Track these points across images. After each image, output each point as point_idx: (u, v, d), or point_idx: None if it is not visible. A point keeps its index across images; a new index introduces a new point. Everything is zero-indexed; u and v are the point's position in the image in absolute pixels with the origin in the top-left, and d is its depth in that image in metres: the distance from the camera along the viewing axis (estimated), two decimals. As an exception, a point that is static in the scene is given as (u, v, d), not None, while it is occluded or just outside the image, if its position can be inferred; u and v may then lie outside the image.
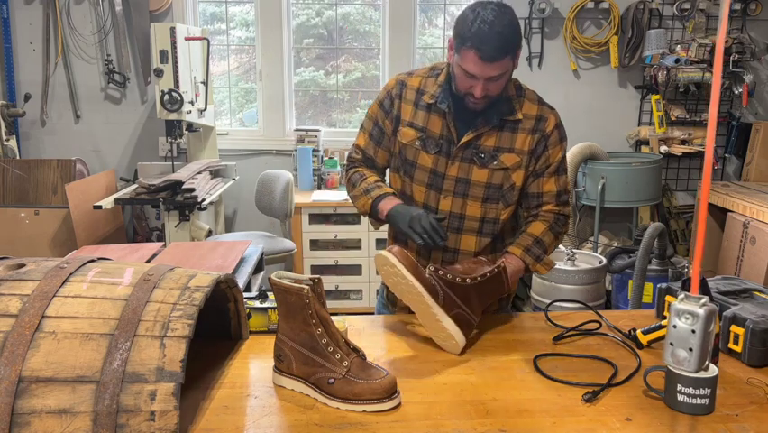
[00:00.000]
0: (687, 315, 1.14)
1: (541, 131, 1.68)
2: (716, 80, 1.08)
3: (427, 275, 1.49)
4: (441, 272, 1.50)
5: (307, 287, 1.27)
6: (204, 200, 3.51)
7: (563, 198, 1.74)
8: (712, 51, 4.05)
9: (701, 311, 1.13)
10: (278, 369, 1.33)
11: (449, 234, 1.71)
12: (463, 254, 1.73)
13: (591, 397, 1.26)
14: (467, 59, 1.54)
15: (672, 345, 1.16)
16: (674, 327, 1.15)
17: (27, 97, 4.26)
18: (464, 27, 1.54)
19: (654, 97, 4.28)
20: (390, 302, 1.88)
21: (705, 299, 1.14)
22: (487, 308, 1.61)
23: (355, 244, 4.03)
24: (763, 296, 1.60)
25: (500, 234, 1.77)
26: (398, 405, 1.24)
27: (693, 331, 1.13)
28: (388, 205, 1.70)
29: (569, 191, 1.77)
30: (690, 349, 1.14)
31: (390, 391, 1.24)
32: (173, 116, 3.61)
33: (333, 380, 1.25)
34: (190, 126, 3.94)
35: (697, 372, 1.16)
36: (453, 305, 1.49)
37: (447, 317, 1.47)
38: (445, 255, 1.74)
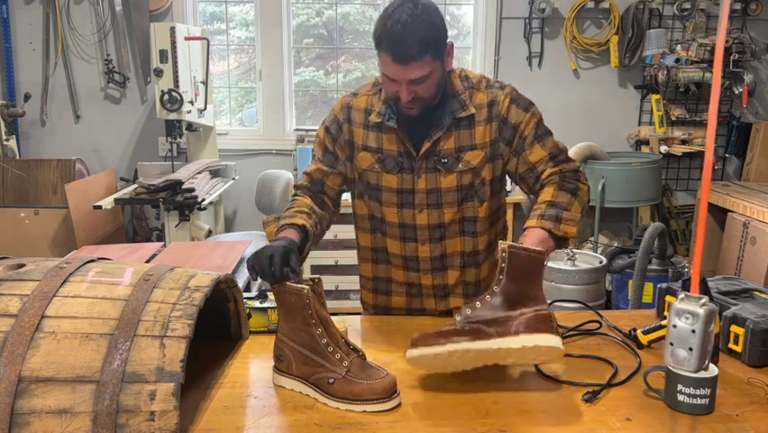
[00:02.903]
0: (687, 315, 1.14)
1: (497, 116, 1.58)
2: (716, 80, 1.08)
3: (459, 327, 1.28)
4: (468, 312, 1.29)
5: (307, 287, 1.27)
6: (204, 200, 3.51)
7: (560, 157, 1.60)
8: (712, 51, 4.05)
9: (701, 311, 1.13)
10: (278, 369, 1.33)
11: (433, 245, 1.67)
12: (451, 256, 1.69)
13: (591, 397, 1.26)
14: (384, 62, 1.47)
15: (671, 344, 1.16)
16: (674, 326, 1.15)
17: (27, 97, 4.25)
18: (378, 29, 1.47)
19: (655, 97, 4.28)
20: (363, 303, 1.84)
21: (705, 299, 1.14)
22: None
23: (355, 244, 4.01)
24: (764, 296, 1.59)
25: (493, 235, 1.72)
26: (398, 405, 1.24)
27: (693, 331, 1.13)
28: (278, 236, 1.54)
29: (563, 149, 1.62)
30: (690, 349, 1.14)
31: (390, 391, 1.23)
32: (173, 116, 3.61)
33: (333, 380, 1.25)
34: (190, 126, 3.93)
35: (697, 371, 1.16)
36: (507, 321, 1.27)
37: (514, 337, 1.25)
38: (434, 263, 1.69)
